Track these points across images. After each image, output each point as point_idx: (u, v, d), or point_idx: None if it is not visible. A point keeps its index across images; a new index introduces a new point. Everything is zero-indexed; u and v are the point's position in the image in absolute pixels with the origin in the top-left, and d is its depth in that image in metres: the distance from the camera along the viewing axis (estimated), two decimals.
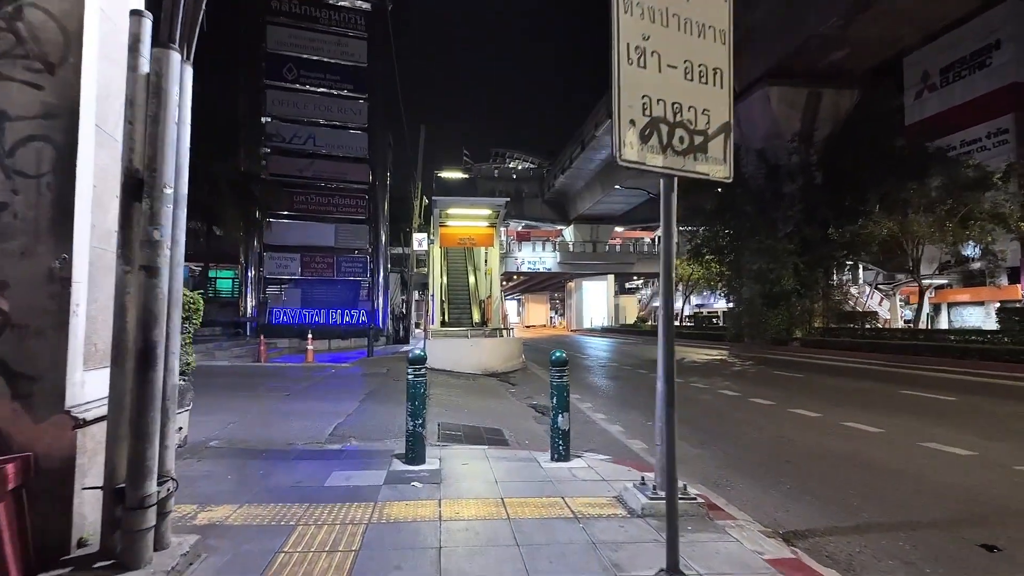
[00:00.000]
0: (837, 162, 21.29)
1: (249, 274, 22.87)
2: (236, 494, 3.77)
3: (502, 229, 28.02)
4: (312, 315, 22.76)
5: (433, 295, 17.99)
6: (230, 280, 26.77)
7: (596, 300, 55.76)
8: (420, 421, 4.58)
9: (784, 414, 8.04)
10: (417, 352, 4.83)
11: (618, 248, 53.71)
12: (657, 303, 59.61)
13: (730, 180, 2.85)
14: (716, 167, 2.80)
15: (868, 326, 21.67)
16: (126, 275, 2.52)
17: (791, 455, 5.75)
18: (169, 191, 2.57)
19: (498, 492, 3.91)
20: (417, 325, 32.48)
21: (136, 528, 2.39)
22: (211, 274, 25.12)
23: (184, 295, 5.02)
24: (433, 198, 15.73)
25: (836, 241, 20.28)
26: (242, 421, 6.63)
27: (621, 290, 60.49)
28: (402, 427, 4.82)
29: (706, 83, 2.80)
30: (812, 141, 21.73)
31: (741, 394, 10.14)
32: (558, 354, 4.99)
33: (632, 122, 2.57)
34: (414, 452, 4.57)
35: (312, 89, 23.93)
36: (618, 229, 56.96)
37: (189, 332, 4.95)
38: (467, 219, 17.70)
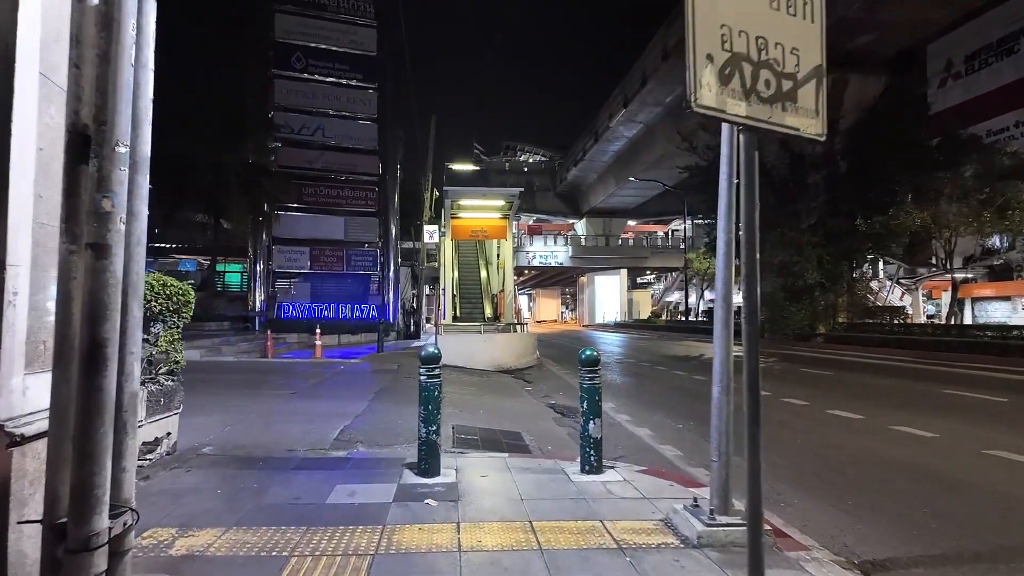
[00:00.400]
0: (863, 151, 20.46)
1: (258, 268, 22.52)
2: (224, 514, 3.27)
3: (513, 222, 27.46)
4: (321, 310, 22.38)
5: (445, 289, 17.50)
6: (239, 274, 26.48)
7: (608, 295, 54.97)
8: (434, 428, 4.07)
9: (822, 416, 7.45)
10: (430, 350, 4.30)
11: (631, 242, 52.91)
12: (671, 298, 58.99)
13: (823, 138, 2.29)
14: (807, 120, 2.24)
15: (896, 321, 20.88)
16: (71, 255, 2.00)
17: (843, 464, 5.18)
18: (123, 150, 2.04)
19: (525, 512, 3.39)
20: (427, 320, 32.17)
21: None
22: (219, 268, 24.83)
23: (172, 285, 4.53)
24: (445, 188, 15.22)
25: (864, 233, 19.49)
26: (241, 423, 6.17)
27: (633, 285, 59.72)
28: (413, 430, 4.32)
29: (794, 14, 2.22)
30: (836, 129, 20.87)
31: (771, 393, 9.52)
32: (588, 353, 4.45)
33: (709, 57, 2.01)
34: (427, 463, 4.06)
35: (321, 79, 23.47)
36: (631, 223, 56.11)
37: (178, 327, 4.47)
38: (479, 210, 17.18)
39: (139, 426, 2.83)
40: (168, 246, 26.90)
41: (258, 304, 22.37)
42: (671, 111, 29.74)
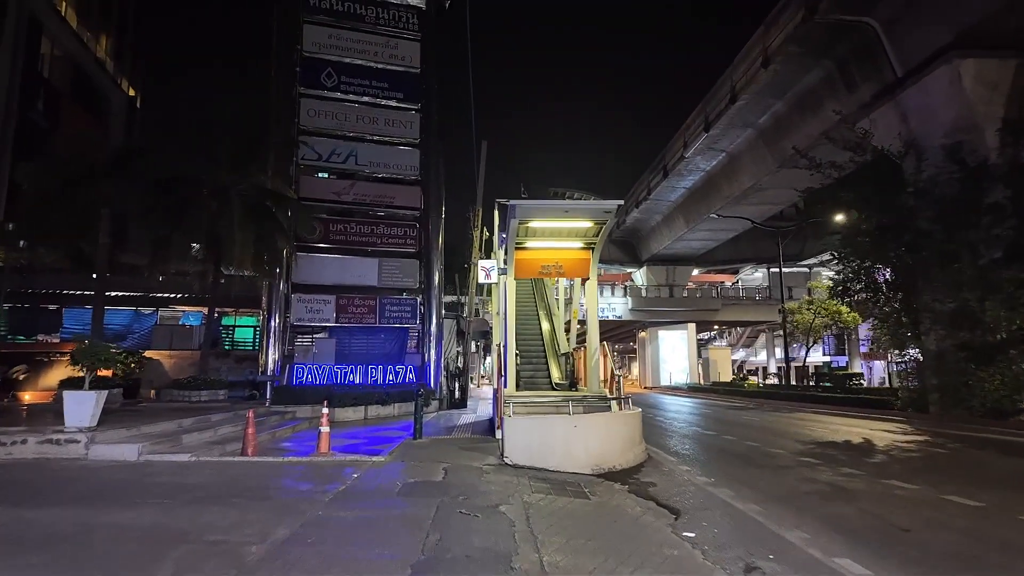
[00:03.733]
0: None
1: (273, 322, 18.29)
2: None
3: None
4: (346, 373, 17.80)
5: (506, 346, 12.68)
6: (251, 329, 22.39)
7: (674, 352, 48.68)
8: None
9: None
10: None
11: (698, 293, 47.24)
12: (736, 356, 52.10)
13: None
14: None
15: None
16: None
17: None
18: None
19: None
20: (473, 381, 27.34)
21: None
22: (227, 321, 20.86)
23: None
24: (510, 204, 10.64)
25: None
26: None
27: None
28: None
29: None
30: None
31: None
32: None
33: None
34: None
35: (355, 98, 19.95)
36: (695, 271, 50.65)
37: None
38: (555, 237, 12.51)
39: None
40: (169, 296, 23.17)
41: (270, 366, 18.00)
42: (764, 133, 25.00)
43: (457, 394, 20.98)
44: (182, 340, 19.20)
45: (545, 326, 20.16)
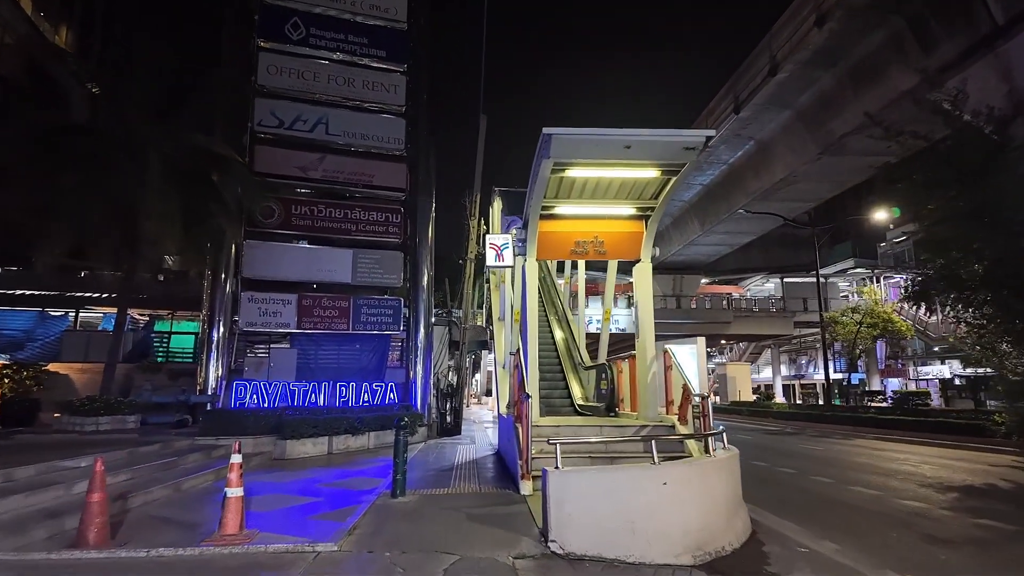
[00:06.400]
0: None
1: (216, 328, 14.32)
2: None
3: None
4: (305, 393, 13.81)
5: (527, 352, 8.90)
6: (193, 336, 18.12)
7: (684, 369, 44.78)
8: None
9: None
10: None
11: (708, 304, 43.76)
12: (764, 376, 48.58)
13: None
14: None
15: None
16: None
17: None
18: None
19: None
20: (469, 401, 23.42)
21: None
22: (161, 327, 16.75)
23: None
24: (543, 133, 6.90)
25: None
26: None
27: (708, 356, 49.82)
28: None
29: None
30: None
31: None
32: None
33: None
34: None
35: (327, 55, 16.28)
36: (703, 281, 47.25)
37: None
38: (597, 200, 8.83)
39: None
40: (90, 295, 18.73)
41: (211, 383, 13.96)
42: (805, 114, 21.71)
43: (450, 419, 17.02)
44: (101, 350, 15.10)
45: (558, 334, 16.48)
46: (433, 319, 18.21)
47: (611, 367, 10.72)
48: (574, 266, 17.56)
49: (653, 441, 5.70)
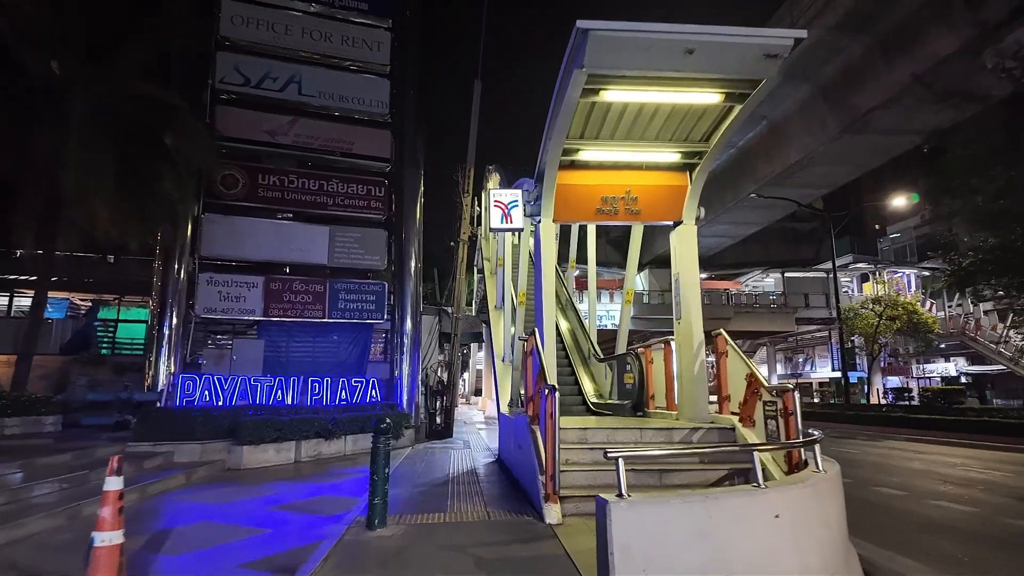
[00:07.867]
0: None
1: (169, 314, 12.24)
2: None
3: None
4: (270, 389, 11.77)
5: (543, 335, 7.02)
6: (144, 325, 15.84)
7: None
8: None
9: None
10: None
11: (707, 299, 42.10)
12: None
13: None
14: None
15: None
16: None
17: None
18: None
19: None
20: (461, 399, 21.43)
21: None
22: (107, 314, 14.59)
23: None
24: (577, 26, 5.05)
25: None
26: None
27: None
28: None
29: None
30: None
31: None
32: None
33: None
34: None
35: (301, 5, 14.29)
36: (701, 276, 45.71)
37: None
38: (633, 142, 6.96)
39: None
40: (24, 278, 16.27)
41: (162, 378, 11.88)
42: (826, 88, 20.07)
43: (440, 419, 15.04)
44: (41, 341, 12.92)
45: (564, 324, 14.64)
46: (421, 307, 16.23)
47: (639, 357, 8.85)
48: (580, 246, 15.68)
49: (756, 453, 3.81)
